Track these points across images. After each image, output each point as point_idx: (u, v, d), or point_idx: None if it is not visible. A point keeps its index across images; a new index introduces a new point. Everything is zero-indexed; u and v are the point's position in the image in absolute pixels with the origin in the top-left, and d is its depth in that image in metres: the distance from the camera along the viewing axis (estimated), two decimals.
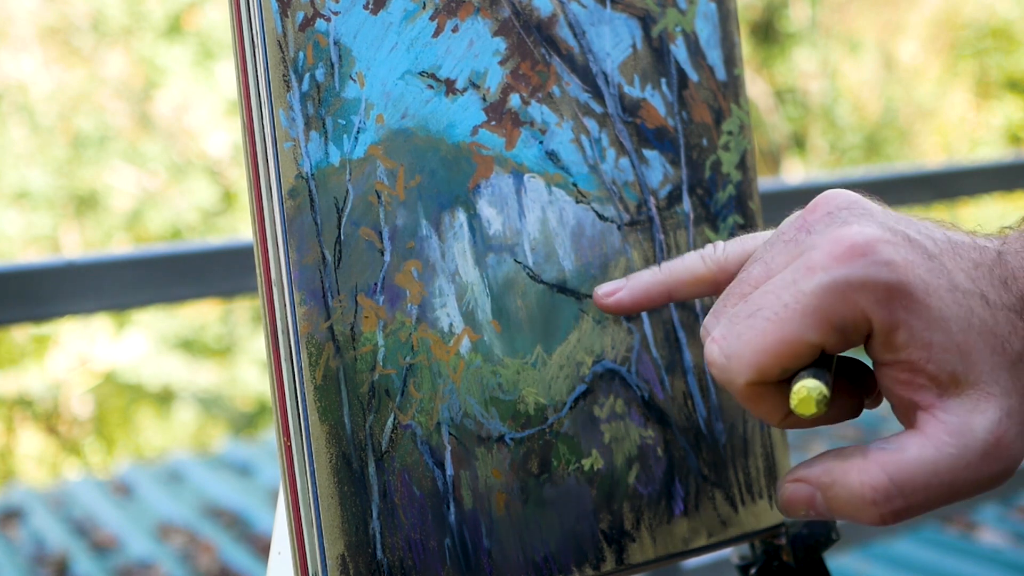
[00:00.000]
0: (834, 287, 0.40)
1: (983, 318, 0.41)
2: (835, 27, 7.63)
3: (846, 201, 0.44)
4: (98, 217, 6.53)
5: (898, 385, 0.42)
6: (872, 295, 0.40)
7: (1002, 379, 0.41)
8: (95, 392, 6.44)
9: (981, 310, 0.41)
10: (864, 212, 0.43)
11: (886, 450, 0.41)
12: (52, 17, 6.55)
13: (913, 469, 0.40)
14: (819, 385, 0.41)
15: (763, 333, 0.41)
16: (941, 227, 0.43)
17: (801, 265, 0.41)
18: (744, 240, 0.49)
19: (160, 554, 2.86)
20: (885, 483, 0.41)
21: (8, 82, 6.38)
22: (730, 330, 0.42)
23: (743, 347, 0.41)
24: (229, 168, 6.58)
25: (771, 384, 0.42)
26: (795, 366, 0.41)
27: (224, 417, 6.47)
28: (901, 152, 7.33)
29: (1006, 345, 0.41)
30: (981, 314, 0.41)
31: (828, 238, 0.41)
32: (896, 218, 0.43)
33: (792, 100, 7.64)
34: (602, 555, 0.52)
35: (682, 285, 0.49)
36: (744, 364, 0.41)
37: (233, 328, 6.59)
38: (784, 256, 0.43)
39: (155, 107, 6.63)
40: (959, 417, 0.41)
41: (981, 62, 7.32)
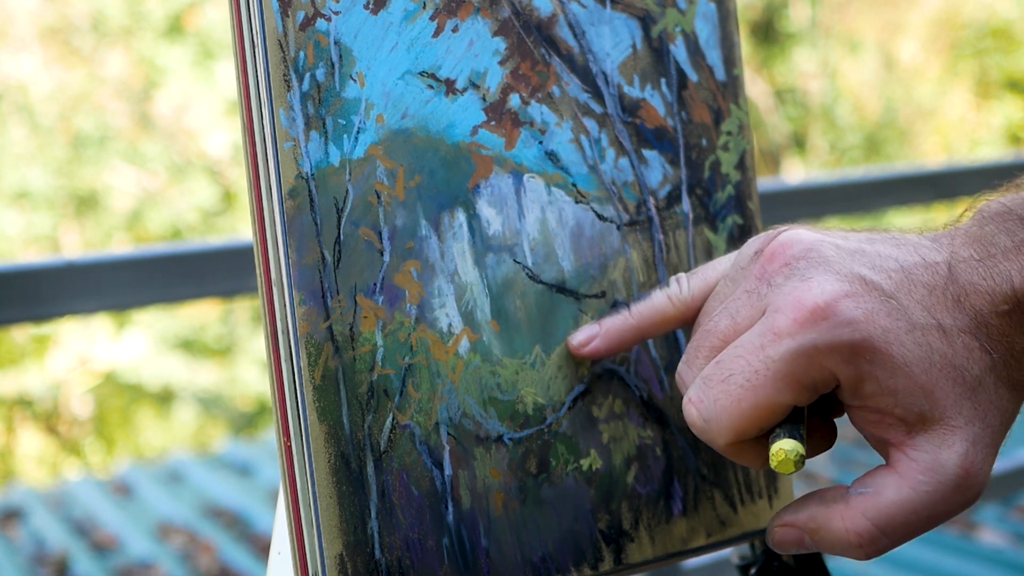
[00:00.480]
0: (801, 352, 0.43)
1: (942, 352, 0.43)
2: (835, 27, 7.62)
3: (802, 250, 0.45)
4: (98, 217, 6.53)
5: (868, 424, 0.45)
6: (838, 355, 0.43)
7: (965, 409, 0.43)
8: (95, 392, 6.44)
9: (939, 343, 0.43)
10: (820, 261, 0.45)
11: (865, 494, 0.44)
12: (52, 17, 6.55)
13: (893, 511, 0.44)
14: (795, 446, 0.44)
15: (738, 400, 0.44)
16: (893, 244, 0.45)
17: (768, 330, 0.44)
18: (706, 273, 0.51)
19: (160, 554, 2.86)
20: (869, 528, 0.44)
21: (8, 82, 6.37)
22: (706, 393, 0.45)
23: (720, 412, 0.44)
24: (229, 168, 6.58)
25: (750, 440, 0.45)
26: (770, 424, 0.45)
27: (224, 417, 6.47)
28: (901, 152, 7.33)
29: (965, 374, 0.43)
30: (940, 348, 0.43)
31: (790, 300, 0.44)
32: (850, 252, 0.45)
33: (792, 100, 7.64)
34: (600, 555, 0.52)
35: (653, 327, 0.52)
36: (723, 428, 0.45)
37: (233, 328, 6.59)
38: (748, 309, 0.46)
39: (155, 107, 6.63)
40: (930, 454, 0.43)
41: (981, 62, 7.32)
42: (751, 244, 0.47)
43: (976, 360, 0.43)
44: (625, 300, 0.54)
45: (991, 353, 0.43)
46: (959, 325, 0.43)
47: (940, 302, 0.43)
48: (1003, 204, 0.45)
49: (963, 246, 0.44)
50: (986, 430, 0.44)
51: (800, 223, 0.48)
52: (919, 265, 0.44)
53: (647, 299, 0.52)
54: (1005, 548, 2.39)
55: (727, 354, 0.45)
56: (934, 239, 0.45)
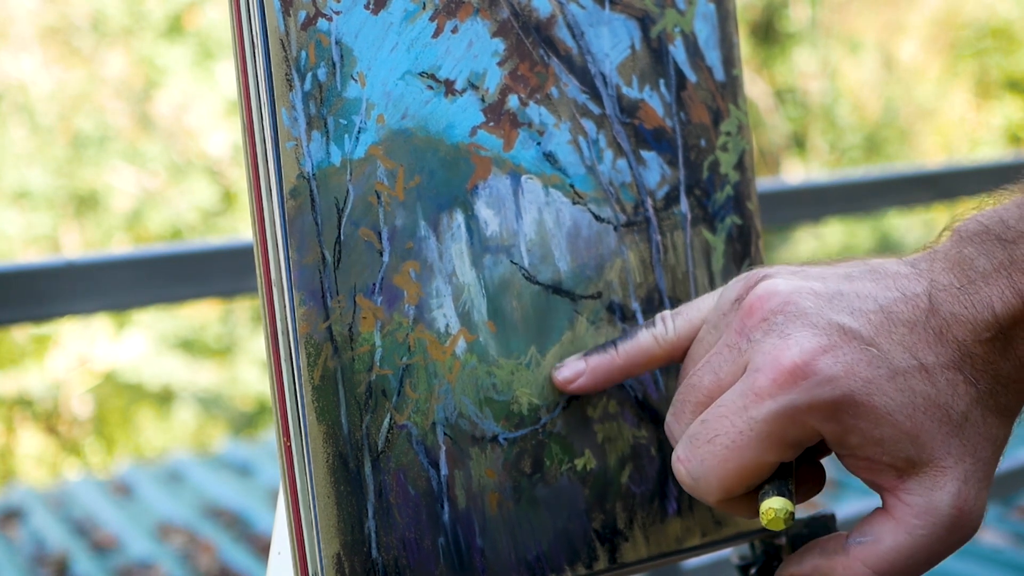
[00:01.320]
0: (782, 413, 0.43)
1: (926, 393, 0.43)
2: (835, 27, 7.62)
3: (779, 303, 0.45)
4: (98, 217, 6.52)
5: (860, 470, 0.45)
6: (819, 414, 0.43)
7: (953, 448, 0.44)
8: (95, 392, 6.43)
9: (923, 385, 0.43)
10: (798, 314, 0.45)
11: (864, 544, 0.45)
12: (52, 17, 6.54)
13: (892, 558, 0.44)
14: (784, 504, 0.45)
15: (724, 461, 0.45)
16: (872, 280, 0.45)
17: (749, 390, 0.44)
18: (690, 314, 0.52)
19: (160, 554, 2.86)
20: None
21: (8, 82, 6.37)
22: (693, 453, 0.46)
23: (708, 472, 0.45)
24: (229, 168, 6.58)
25: (739, 495, 0.46)
26: (758, 482, 0.46)
27: (224, 417, 6.47)
28: (901, 152, 7.32)
29: (951, 412, 0.44)
30: (923, 390, 0.43)
31: (769, 360, 0.44)
32: (828, 298, 0.45)
33: (792, 100, 7.64)
34: (595, 554, 0.52)
35: (638, 366, 0.52)
36: (712, 487, 0.46)
37: (233, 328, 6.58)
38: (730, 365, 0.46)
39: (155, 107, 6.62)
40: (923, 497, 0.44)
41: (981, 62, 7.32)
42: (731, 288, 0.48)
43: (961, 395, 0.44)
44: (621, 301, 0.54)
45: (976, 384, 0.44)
46: (942, 361, 0.43)
47: (922, 339, 0.44)
48: (980, 223, 0.45)
49: (943, 272, 0.44)
50: (977, 464, 0.44)
51: (785, 265, 0.48)
52: (899, 300, 0.44)
53: (633, 338, 0.52)
54: (1005, 548, 2.39)
55: (712, 412, 0.45)
56: (914, 265, 0.45)
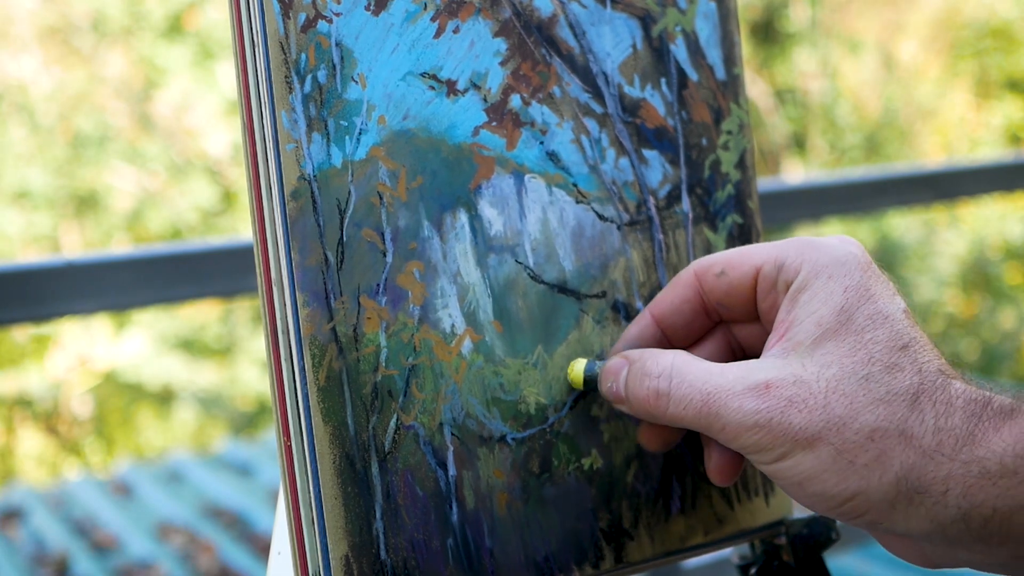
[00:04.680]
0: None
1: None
2: (835, 27, 7.62)
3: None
4: (98, 217, 6.52)
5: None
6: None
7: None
8: (95, 392, 6.43)
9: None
10: None
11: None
12: (52, 17, 6.54)
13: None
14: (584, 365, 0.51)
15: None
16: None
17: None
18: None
19: (160, 554, 2.86)
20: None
21: (8, 82, 6.37)
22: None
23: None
24: (229, 168, 6.58)
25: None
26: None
27: (224, 417, 6.47)
28: (901, 152, 7.32)
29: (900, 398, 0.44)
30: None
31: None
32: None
33: (792, 100, 7.63)
34: (601, 553, 0.52)
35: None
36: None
37: (233, 328, 6.58)
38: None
39: (155, 107, 6.62)
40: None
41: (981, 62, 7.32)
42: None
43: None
44: (625, 300, 0.54)
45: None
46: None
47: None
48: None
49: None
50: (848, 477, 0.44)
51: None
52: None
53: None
54: None
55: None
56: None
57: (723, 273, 0.50)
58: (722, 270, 0.50)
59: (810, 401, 0.44)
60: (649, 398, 0.47)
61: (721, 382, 0.45)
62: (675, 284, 0.52)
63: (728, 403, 0.45)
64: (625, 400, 0.49)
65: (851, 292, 0.46)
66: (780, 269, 0.48)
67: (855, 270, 0.46)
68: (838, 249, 0.47)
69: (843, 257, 0.47)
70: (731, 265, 0.50)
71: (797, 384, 0.44)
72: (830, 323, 0.45)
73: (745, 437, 0.45)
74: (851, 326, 0.45)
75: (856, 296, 0.46)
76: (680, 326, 0.52)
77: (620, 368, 0.49)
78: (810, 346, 0.45)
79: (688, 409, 0.46)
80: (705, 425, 0.46)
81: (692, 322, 0.52)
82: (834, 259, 0.47)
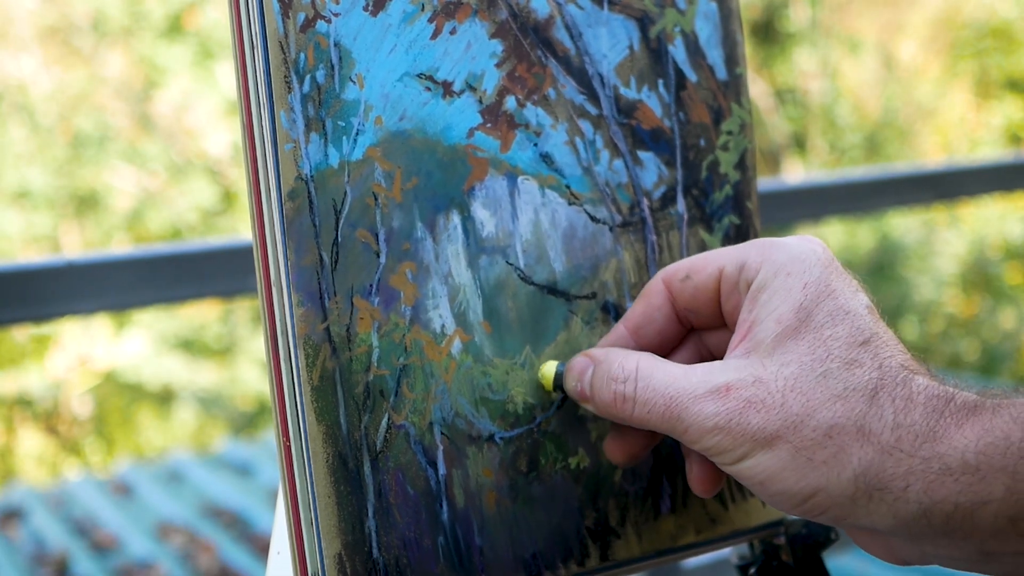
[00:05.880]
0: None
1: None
2: (835, 27, 7.62)
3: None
4: (98, 217, 6.52)
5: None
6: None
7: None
8: (95, 392, 6.43)
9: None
10: None
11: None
12: (52, 17, 6.54)
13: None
14: (555, 367, 0.51)
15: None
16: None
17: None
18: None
19: (160, 554, 2.86)
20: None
21: (8, 82, 6.37)
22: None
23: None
24: (229, 168, 6.58)
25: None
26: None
27: (224, 417, 6.46)
28: (901, 152, 7.32)
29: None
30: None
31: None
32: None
33: (792, 100, 7.63)
34: (587, 551, 0.52)
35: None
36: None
37: (233, 328, 6.58)
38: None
39: (155, 107, 6.62)
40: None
41: (981, 62, 7.31)
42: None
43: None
44: (616, 301, 0.54)
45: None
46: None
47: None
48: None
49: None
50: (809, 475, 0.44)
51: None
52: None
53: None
54: None
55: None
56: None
57: (687, 277, 0.50)
58: (687, 275, 0.50)
59: (768, 400, 0.44)
60: (616, 401, 0.47)
61: (684, 385, 0.45)
62: (645, 294, 0.52)
63: (690, 407, 0.45)
64: (590, 399, 0.49)
65: (810, 288, 0.46)
66: (741, 269, 0.48)
67: (815, 267, 0.46)
68: (798, 247, 0.47)
69: (802, 255, 0.47)
70: (695, 269, 0.50)
71: (756, 384, 0.44)
72: (789, 321, 0.45)
73: (706, 439, 0.45)
74: (810, 323, 0.45)
75: (816, 292, 0.45)
76: (654, 336, 0.51)
77: (585, 367, 0.49)
78: (770, 345, 0.45)
79: (652, 413, 0.46)
80: (669, 428, 0.46)
81: (665, 330, 0.51)
82: (793, 257, 0.47)
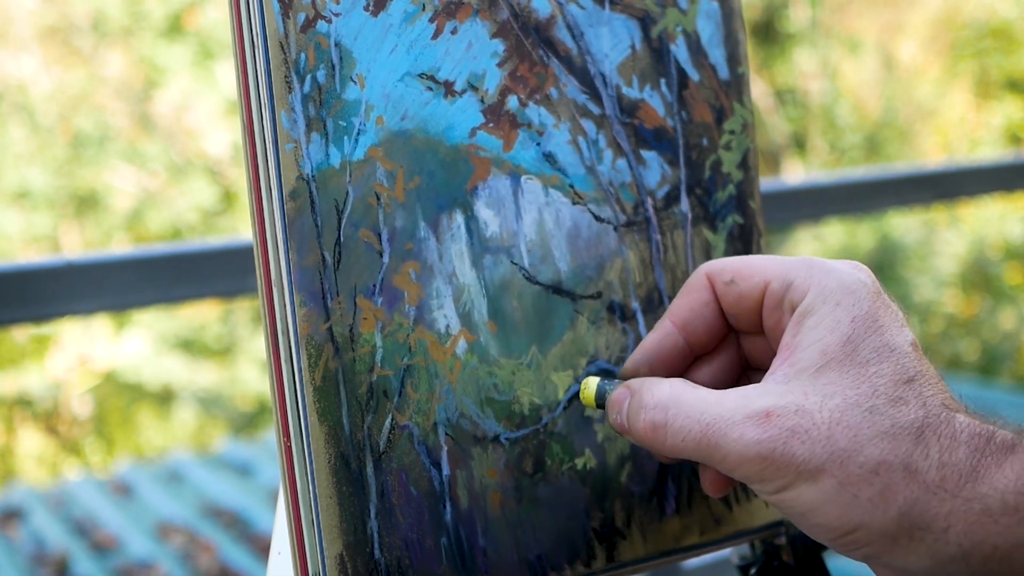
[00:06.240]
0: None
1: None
2: (835, 27, 7.62)
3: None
4: (98, 217, 6.52)
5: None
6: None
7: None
8: (95, 392, 6.43)
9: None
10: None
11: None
12: (52, 17, 6.54)
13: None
14: (597, 383, 0.50)
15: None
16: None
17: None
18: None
19: (160, 554, 2.86)
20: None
21: (8, 82, 6.37)
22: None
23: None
24: (229, 168, 6.58)
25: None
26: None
27: (224, 417, 6.47)
28: (901, 152, 7.32)
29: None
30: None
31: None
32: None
33: (792, 100, 7.63)
34: (593, 553, 0.52)
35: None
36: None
37: (233, 328, 6.58)
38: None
39: (155, 107, 6.62)
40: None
41: (981, 62, 7.31)
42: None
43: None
44: (621, 301, 0.54)
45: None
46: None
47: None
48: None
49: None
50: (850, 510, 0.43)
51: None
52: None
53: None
54: None
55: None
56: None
57: (732, 282, 0.49)
58: (731, 278, 0.49)
59: (813, 432, 0.43)
60: (648, 430, 0.46)
61: (720, 411, 0.44)
62: (690, 289, 0.51)
63: (728, 433, 0.44)
64: (629, 432, 0.48)
65: (859, 322, 0.45)
66: (788, 288, 0.47)
67: (864, 299, 0.45)
68: (848, 275, 0.46)
69: (852, 285, 0.46)
70: (740, 275, 0.49)
71: (799, 413, 0.43)
72: (835, 353, 0.44)
73: (747, 467, 0.43)
74: (856, 357, 0.44)
75: (864, 327, 0.45)
76: (702, 331, 0.51)
77: (623, 399, 0.48)
78: (813, 374, 0.44)
79: (687, 440, 0.45)
80: (706, 456, 0.45)
81: (712, 325, 0.51)
82: (843, 286, 0.46)
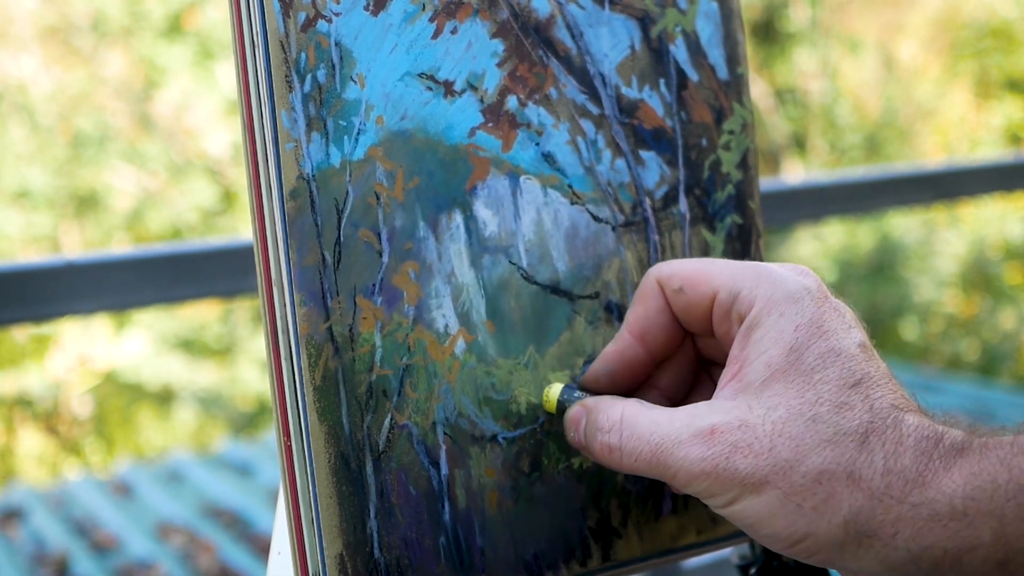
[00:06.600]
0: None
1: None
2: (835, 27, 7.62)
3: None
4: (98, 217, 6.52)
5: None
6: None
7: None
8: (95, 392, 6.43)
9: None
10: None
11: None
12: (52, 17, 6.54)
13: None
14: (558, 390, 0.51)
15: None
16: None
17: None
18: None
19: (160, 554, 2.86)
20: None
21: (8, 82, 6.37)
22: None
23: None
24: (229, 168, 6.58)
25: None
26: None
27: (224, 417, 6.47)
28: (901, 152, 7.32)
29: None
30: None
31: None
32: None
33: (792, 100, 7.63)
34: (589, 552, 0.52)
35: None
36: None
37: (233, 328, 6.58)
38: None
39: (155, 107, 6.62)
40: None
41: (981, 62, 7.31)
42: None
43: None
44: (619, 301, 0.54)
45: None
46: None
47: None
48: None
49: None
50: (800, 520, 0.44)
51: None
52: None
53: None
54: None
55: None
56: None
57: (681, 290, 0.49)
58: (680, 287, 0.49)
59: (755, 445, 0.43)
60: (604, 452, 0.47)
61: (668, 431, 0.45)
62: (643, 297, 0.51)
63: (674, 452, 0.44)
64: (587, 451, 0.49)
65: (802, 330, 0.45)
66: (735, 299, 0.47)
67: (808, 306, 0.45)
68: (792, 283, 0.46)
69: (796, 292, 0.46)
70: (688, 284, 0.49)
71: (742, 428, 0.43)
72: (779, 364, 0.44)
73: (695, 484, 0.44)
74: (800, 366, 0.44)
75: (807, 334, 0.45)
76: (660, 338, 0.51)
77: (580, 418, 0.49)
78: (759, 387, 0.44)
79: (639, 461, 0.46)
80: (658, 475, 0.45)
81: (669, 331, 0.51)
82: (787, 294, 0.46)
